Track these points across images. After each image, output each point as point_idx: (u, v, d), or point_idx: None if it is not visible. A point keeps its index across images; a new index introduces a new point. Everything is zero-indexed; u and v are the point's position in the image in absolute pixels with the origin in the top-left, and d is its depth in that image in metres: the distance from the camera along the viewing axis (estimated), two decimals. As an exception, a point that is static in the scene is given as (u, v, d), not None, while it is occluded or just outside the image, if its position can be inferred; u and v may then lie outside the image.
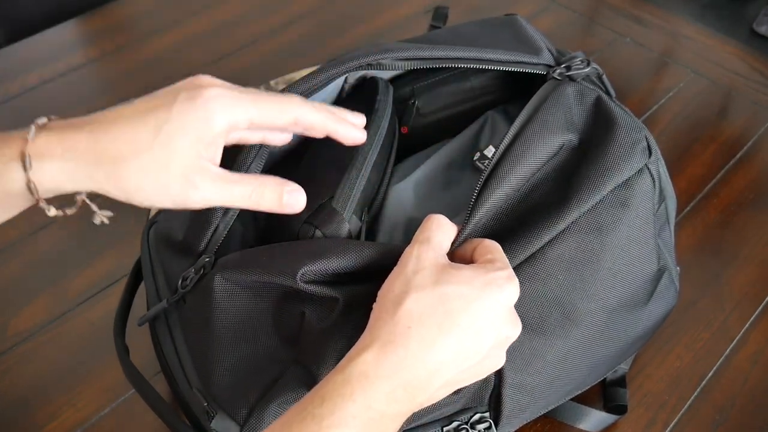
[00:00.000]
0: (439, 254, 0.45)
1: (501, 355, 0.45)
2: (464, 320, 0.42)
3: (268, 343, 0.49)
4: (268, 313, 0.49)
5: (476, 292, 0.42)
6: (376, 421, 0.40)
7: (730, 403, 0.63)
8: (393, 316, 0.42)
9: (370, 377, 0.40)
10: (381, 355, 0.41)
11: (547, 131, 0.51)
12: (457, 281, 0.43)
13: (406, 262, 0.44)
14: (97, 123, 0.43)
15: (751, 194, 0.80)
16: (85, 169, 0.43)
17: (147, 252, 0.59)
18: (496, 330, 0.43)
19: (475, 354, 0.43)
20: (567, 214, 0.49)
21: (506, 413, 0.51)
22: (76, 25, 1.00)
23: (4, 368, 0.64)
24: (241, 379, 0.48)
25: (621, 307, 0.53)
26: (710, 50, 0.98)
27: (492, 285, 0.43)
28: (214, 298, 0.49)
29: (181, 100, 0.43)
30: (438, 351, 0.41)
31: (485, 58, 0.56)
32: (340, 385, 0.40)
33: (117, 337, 0.56)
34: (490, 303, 0.42)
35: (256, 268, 0.48)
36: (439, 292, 0.42)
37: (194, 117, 0.43)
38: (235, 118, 0.44)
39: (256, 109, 0.44)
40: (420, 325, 0.41)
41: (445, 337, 0.41)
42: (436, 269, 0.43)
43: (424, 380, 0.41)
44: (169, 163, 0.43)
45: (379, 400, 0.40)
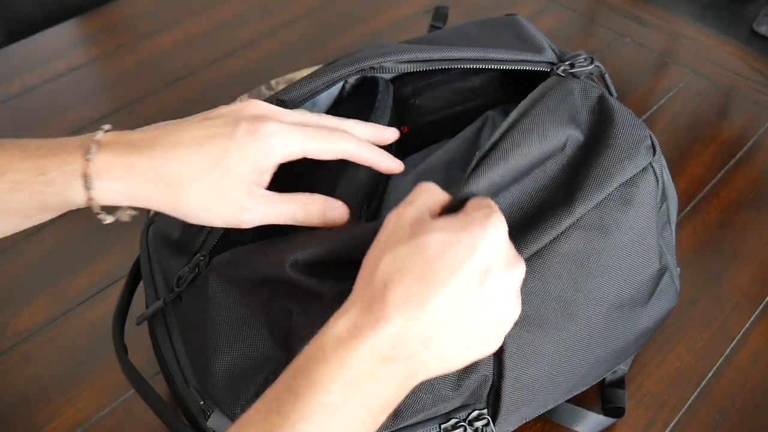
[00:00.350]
0: (419, 211, 0.42)
1: (508, 300, 0.42)
2: (445, 265, 0.39)
3: (261, 341, 0.49)
4: (261, 311, 0.49)
5: (454, 235, 0.40)
6: (364, 382, 0.38)
7: (730, 403, 0.63)
8: (370, 280, 0.40)
9: (344, 340, 0.38)
10: (357, 318, 0.39)
11: (552, 117, 0.51)
12: (433, 229, 0.40)
13: (385, 225, 0.42)
14: (157, 147, 0.45)
15: (751, 194, 0.80)
16: (143, 191, 0.45)
17: (146, 251, 0.59)
18: (487, 271, 0.40)
19: (470, 300, 0.40)
20: (572, 210, 0.49)
21: (504, 410, 0.51)
22: (76, 25, 1.00)
23: (4, 368, 0.64)
24: (236, 377, 0.48)
25: (621, 305, 0.53)
26: (710, 50, 0.98)
27: (472, 224, 0.40)
28: (209, 297, 0.49)
29: (242, 133, 0.45)
30: (422, 301, 0.39)
31: (487, 58, 0.56)
32: (313, 354, 0.38)
33: (115, 336, 0.57)
34: (472, 242, 0.40)
35: (248, 264, 0.48)
36: (415, 244, 0.40)
37: (253, 150, 0.45)
38: (290, 152, 0.47)
39: (310, 143, 0.47)
40: (398, 280, 0.39)
41: (427, 286, 0.39)
42: (413, 223, 0.41)
43: (415, 335, 0.39)
44: (225, 190, 0.45)
45: (359, 359, 0.38)
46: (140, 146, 0.45)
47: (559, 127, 0.51)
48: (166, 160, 0.45)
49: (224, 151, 0.45)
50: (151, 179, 0.45)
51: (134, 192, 0.45)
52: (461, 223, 0.41)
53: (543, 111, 0.51)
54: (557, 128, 0.51)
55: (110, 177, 0.44)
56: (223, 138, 0.45)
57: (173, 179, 0.45)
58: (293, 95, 0.53)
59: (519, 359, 0.50)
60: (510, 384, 0.50)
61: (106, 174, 0.44)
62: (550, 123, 0.51)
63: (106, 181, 0.44)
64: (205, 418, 0.49)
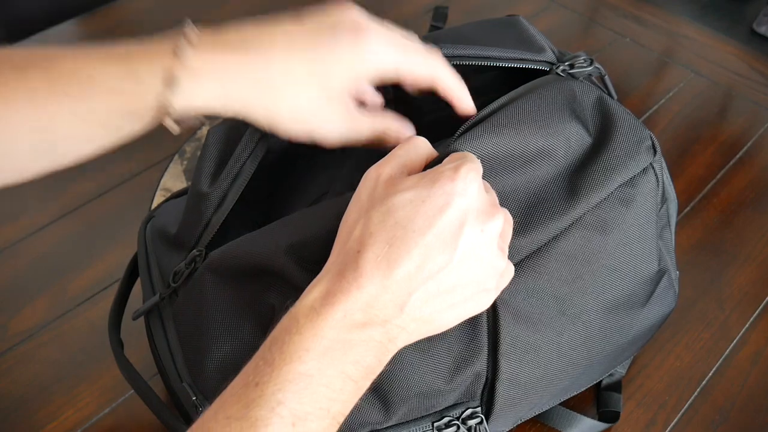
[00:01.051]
0: (396, 171, 0.41)
1: (488, 254, 0.41)
2: (416, 225, 0.38)
3: (252, 337, 0.49)
4: (252, 306, 0.49)
5: (424, 192, 0.39)
6: (338, 351, 0.38)
7: (730, 403, 0.63)
8: (343, 246, 0.40)
9: (316, 308, 0.38)
10: (329, 286, 0.38)
11: (552, 108, 0.51)
12: (404, 188, 0.39)
13: (361, 186, 0.41)
14: (252, 48, 0.43)
15: (751, 194, 0.80)
16: (240, 92, 0.43)
17: (143, 246, 0.59)
18: (461, 225, 0.39)
19: (446, 258, 0.39)
20: (573, 209, 0.49)
21: (498, 408, 0.51)
22: (76, 25, 1.00)
23: (4, 368, 0.64)
24: (228, 373, 0.48)
25: (619, 306, 0.53)
26: (710, 50, 0.98)
27: (440, 178, 0.39)
28: (203, 292, 0.49)
29: (344, 43, 0.43)
30: (393, 264, 0.38)
31: (487, 56, 0.56)
32: (287, 325, 0.38)
33: (112, 331, 0.57)
34: (443, 198, 0.39)
35: (243, 255, 0.48)
36: (386, 205, 0.39)
37: (353, 59, 0.44)
38: (386, 66, 0.45)
39: (405, 59, 0.46)
40: (370, 245, 0.38)
41: (399, 248, 0.38)
42: (387, 184, 0.40)
43: (389, 299, 0.38)
44: (319, 98, 0.44)
45: (332, 327, 0.38)
46: (232, 45, 0.43)
47: (562, 120, 0.51)
48: (260, 63, 0.43)
49: (323, 61, 0.43)
50: (245, 83, 0.42)
51: (231, 93, 0.42)
52: (431, 178, 0.39)
53: (542, 97, 0.51)
54: (559, 121, 0.51)
55: (201, 78, 0.42)
56: (323, 49, 0.43)
57: (268, 83, 0.43)
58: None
59: (514, 357, 0.50)
60: (504, 382, 0.50)
61: (197, 75, 0.42)
62: (550, 111, 0.50)
63: (196, 83, 0.42)
64: (197, 413, 0.49)
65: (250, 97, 0.43)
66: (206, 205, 0.51)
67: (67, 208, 0.77)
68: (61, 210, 0.76)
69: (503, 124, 0.49)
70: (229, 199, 0.51)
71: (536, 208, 0.49)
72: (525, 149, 0.49)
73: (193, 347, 0.50)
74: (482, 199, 0.41)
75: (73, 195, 0.78)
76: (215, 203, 0.51)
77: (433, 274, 0.39)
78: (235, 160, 0.51)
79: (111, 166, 0.80)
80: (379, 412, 0.48)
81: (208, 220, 0.51)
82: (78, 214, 0.76)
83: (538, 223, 0.49)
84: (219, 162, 0.53)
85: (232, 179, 0.51)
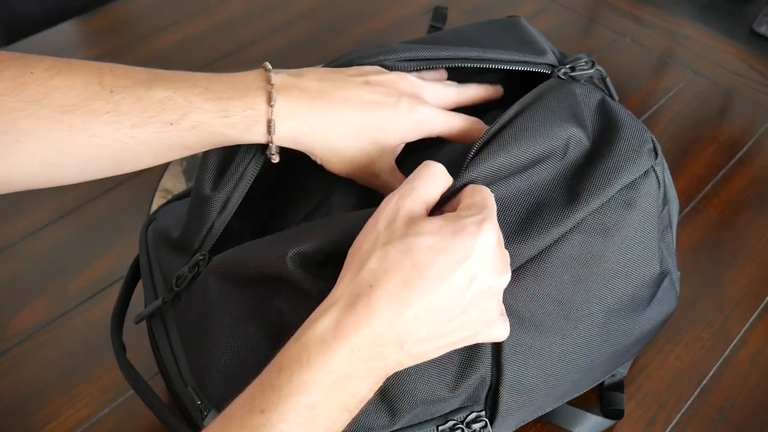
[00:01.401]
0: (417, 206, 0.43)
1: (489, 306, 0.43)
2: (433, 273, 0.39)
3: (257, 341, 0.49)
4: (257, 310, 0.49)
5: (445, 242, 0.40)
6: (341, 384, 0.39)
7: (730, 403, 0.63)
8: (356, 275, 0.40)
9: (327, 341, 0.39)
10: (340, 317, 0.39)
11: (555, 115, 0.51)
12: (425, 232, 0.40)
13: (379, 216, 0.42)
14: (328, 99, 0.49)
15: (751, 194, 0.80)
16: (309, 134, 0.49)
17: (145, 249, 0.59)
18: (473, 279, 0.40)
19: (453, 306, 0.40)
20: (574, 213, 0.49)
21: (502, 412, 0.51)
22: (76, 25, 1.00)
23: (4, 368, 0.64)
24: (232, 377, 0.48)
25: (621, 308, 0.53)
26: (710, 50, 0.98)
27: (462, 233, 0.40)
28: (207, 297, 0.49)
29: (403, 109, 0.50)
30: (404, 307, 0.39)
31: (488, 58, 0.56)
32: (296, 353, 0.39)
33: (114, 334, 0.57)
34: (462, 252, 0.40)
35: (247, 261, 0.48)
36: (406, 245, 0.40)
37: (407, 126, 0.51)
38: (431, 134, 0.52)
39: (449, 130, 0.52)
40: (384, 283, 0.39)
41: (412, 291, 0.39)
42: (407, 221, 0.41)
43: (393, 338, 0.39)
44: (372, 153, 0.50)
45: (340, 362, 0.39)
46: (314, 96, 0.49)
47: (562, 124, 0.51)
48: (338, 114, 0.49)
49: (384, 120, 0.50)
50: (318, 135, 0.49)
51: (302, 138, 0.49)
52: (453, 229, 0.41)
53: (545, 107, 0.51)
54: (560, 125, 0.51)
55: (286, 122, 0.48)
56: (386, 108, 0.50)
57: (334, 136, 0.49)
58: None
59: (517, 361, 0.50)
60: (508, 386, 0.50)
61: (284, 119, 0.48)
62: (552, 119, 0.50)
63: (283, 123, 0.48)
64: (202, 417, 0.49)
65: (318, 138, 0.49)
66: (209, 209, 0.51)
67: (67, 208, 0.77)
68: (61, 210, 0.76)
69: (511, 140, 0.49)
70: (232, 202, 0.51)
71: (537, 213, 0.49)
72: (527, 158, 0.49)
73: (197, 351, 0.50)
74: (496, 255, 0.42)
75: (73, 195, 0.78)
76: (218, 207, 0.51)
77: (437, 319, 0.40)
78: (237, 163, 0.51)
79: (111, 166, 0.80)
80: (385, 417, 0.48)
81: (212, 224, 0.51)
82: (78, 214, 0.76)
83: (539, 227, 0.49)
84: (221, 165, 0.53)
85: (235, 182, 0.51)
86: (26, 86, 0.43)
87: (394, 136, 0.51)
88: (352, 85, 0.50)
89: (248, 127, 0.47)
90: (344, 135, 0.49)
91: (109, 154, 0.46)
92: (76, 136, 0.44)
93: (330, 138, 0.49)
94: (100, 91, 0.45)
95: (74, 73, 0.45)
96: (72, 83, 0.45)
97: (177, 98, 0.46)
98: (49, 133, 0.44)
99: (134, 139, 0.46)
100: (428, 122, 0.51)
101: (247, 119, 0.47)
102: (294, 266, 0.46)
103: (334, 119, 0.49)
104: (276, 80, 0.48)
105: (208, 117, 0.46)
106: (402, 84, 0.52)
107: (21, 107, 0.43)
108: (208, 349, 0.49)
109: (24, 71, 0.44)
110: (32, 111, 0.43)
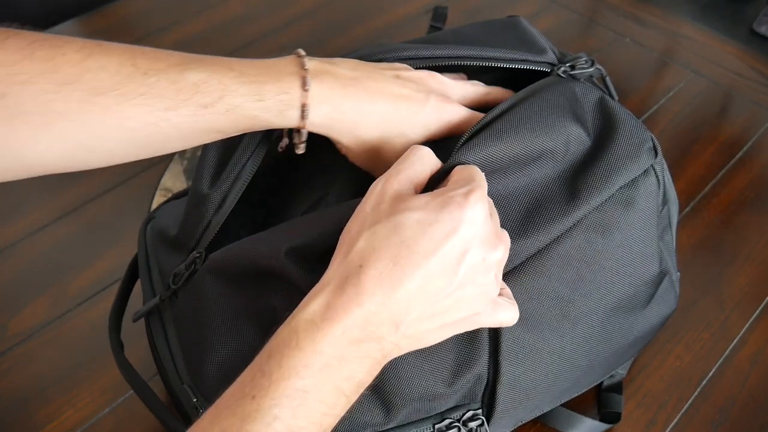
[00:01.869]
0: (404, 186, 0.42)
1: (486, 281, 0.42)
2: (422, 247, 0.39)
3: (253, 338, 0.49)
4: (253, 307, 0.49)
5: (432, 215, 0.39)
6: (334, 367, 0.38)
7: (730, 403, 0.63)
8: (345, 257, 0.40)
9: (316, 323, 0.38)
10: (329, 300, 0.39)
11: (554, 110, 0.51)
12: (412, 207, 0.40)
13: (367, 199, 0.42)
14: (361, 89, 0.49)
15: (751, 194, 0.80)
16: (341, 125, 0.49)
17: (143, 248, 0.59)
18: (464, 252, 0.40)
19: (446, 282, 0.40)
20: (574, 211, 0.49)
21: (499, 410, 0.51)
22: (76, 25, 1.00)
23: (4, 368, 0.64)
24: (228, 374, 0.48)
25: (620, 307, 0.53)
26: (710, 50, 0.98)
27: (450, 204, 0.40)
28: (204, 294, 0.49)
29: (431, 106, 0.51)
30: (396, 284, 0.38)
31: (488, 56, 0.56)
32: (286, 337, 0.38)
33: (112, 332, 0.57)
34: (450, 223, 0.39)
35: (243, 258, 0.48)
36: (393, 222, 0.39)
37: (433, 123, 0.51)
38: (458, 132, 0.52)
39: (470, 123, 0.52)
40: (374, 261, 0.39)
41: (402, 268, 0.38)
42: (394, 200, 0.41)
43: (387, 317, 0.39)
44: (397, 145, 0.50)
45: (330, 344, 0.38)
46: (347, 84, 0.49)
47: (563, 121, 0.51)
48: (369, 104, 0.49)
49: (412, 114, 0.50)
50: (348, 123, 0.49)
51: (333, 124, 0.49)
52: (440, 202, 0.40)
53: (543, 101, 0.51)
54: (560, 122, 0.50)
55: (319, 107, 0.48)
56: (415, 103, 0.50)
57: (365, 125, 0.49)
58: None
59: (515, 359, 0.50)
60: (505, 384, 0.50)
61: (317, 104, 0.48)
62: (552, 114, 0.50)
63: (317, 108, 0.48)
64: (198, 415, 0.49)
65: (347, 125, 0.49)
66: (206, 207, 0.51)
67: (67, 208, 0.77)
68: (61, 210, 0.76)
69: (506, 130, 0.49)
70: (230, 200, 0.51)
71: (537, 210, 0.49)
72: (526, 152, 0.49)
73: (194, 349, 0.50)
74: (487, 227, 0.41)
75: (73, 195, 0.78)
76: (216, 204, 0.51)
77: (431, 296, 0.40)
78: (235, 161, 0.51)
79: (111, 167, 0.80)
80: (380, 413, 0.48)
81: (209, 222, 0.51)
82: (78, 214, 0.76)
83: (539, 224, 0.49)
84: (219, 163, 0.53)
85: (232, 180, 0.51)
86: (58, 68, 0.42)
87: (420, 131, 0.51)
88: (383, 77, 0.50)
89: (281, 111, 0.47)
90: (373, 125, 0.49)
91: (140, 137, 0.45)
92: (109, 118, 0.44)
93: (359, 126, 0.49)
94: (134, 73, 0.44)
95: (107, 55, 0.44)
96: (104, 65, 0.43)
97: (212, 81, 0.45)
98: (81, 116, 0.43)
99: (167, 122, 0.45)
100: (454, 120, 0.52)
101: (281, 103, 0.47)
102: (289, 261, 0.46)
103: (366, 108, 0.49)
104: (310, 66, 0.48)
105: (242, 100, 0.46)
106: (431, 82, 0.53)
107: (54, 89, 0.42)
108: (204, 346, 0.49)
109: (55, 53, 0.43)
110: (65, 93, 0.42)
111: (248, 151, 0.51)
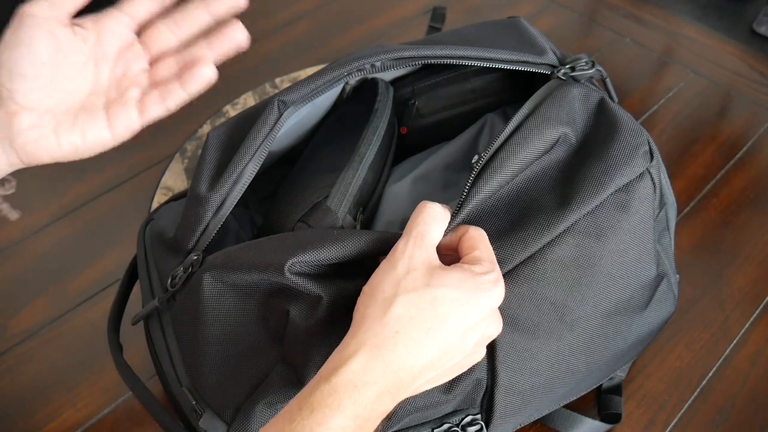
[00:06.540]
0: (430, 253, 0.45)
1: (482, 351, 0.46)
2: (453, 323, 0.42)
3: (255, 342, 0.49)
4: (255, 311, 0.49)
5: (466, 296, 0.43)
6: (362, 427, 0.40)
7: (730, 403, 0.63)
8: (381, 318, 0.42)
9: (357, 386, 0.40)
10: (367, 361, 0.41)
11: (547, 125, 0.51)
12: (447, 284, 0.43)
13: (396, 261, 0.44)
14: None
15: (751, 194, 0.80)
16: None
17: (143, 250, 0.59)
18: (481, 330, 0.44)
19: (460, 353, 0.43)
20: (567, 215, 0.49)
21: (498, 415, 0.51)
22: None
23: (4, 368, 0.64)
24: (228, 377, 0.48)
25: (617, 311, 0.53)
26: (710, 50, 0.98)
27: (481, 289, 0.43)
28: (202, 297, 0.49)
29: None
30: (425, 354, 0.42)
31: (488, 57, 0.55)
32: (327, 395, 0.40)
33: (111, 334, 0.57)
34: (479, 307, 0.43)
35: (243, 264, 0.48)
36: (430, 295, 0.42)
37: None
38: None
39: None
40: (409, 329, 0.41)
41: (432, 340, 0.42)
42: (427, 270, 0.43)
43: (408, 381, 0.42)
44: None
45: (365, 407, 0.40)
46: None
47: (554, 129, 0.51)
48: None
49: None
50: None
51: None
52: (473, 286, 0.43)
53: (540, 118, 0.51)
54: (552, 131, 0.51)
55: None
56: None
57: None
58: (294, 96, 0.53)
59: (512, 365, 0.50)
60: (503, 389, 0.50)
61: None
62: (544, 132, 0.51)
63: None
64: (197, 418, 0.49)
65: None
66: (204, 209, 0.51)
67: (67, 208, 0.77)
68: (61, 210, 0.76)
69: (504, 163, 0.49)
70: (228, 203, 0.51)
71: (529, 215, 0.49)
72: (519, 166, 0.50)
73: (192, 351, 0.50)
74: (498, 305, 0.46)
75: (73, 195, 0.78)
76: (214, 207, 0.51)
77: (444, 364, 0.43)
78: (235, 164, 0.51)
79: (111, 167, 0.80)
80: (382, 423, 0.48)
81: (206, 225, 0.51)
82: (78, 214, 0.76)
83: (530, 229, 0.49)
84: (219, 165, 0.53)
85: (232, 183, 0.51)
86: None
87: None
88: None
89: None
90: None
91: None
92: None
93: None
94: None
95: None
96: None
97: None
98: None
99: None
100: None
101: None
102: (293, 275, 0.46)
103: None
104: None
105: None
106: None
107: None
108: (202, 349, 0.49)
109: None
110: None
111: (249, 154, 0.51)
